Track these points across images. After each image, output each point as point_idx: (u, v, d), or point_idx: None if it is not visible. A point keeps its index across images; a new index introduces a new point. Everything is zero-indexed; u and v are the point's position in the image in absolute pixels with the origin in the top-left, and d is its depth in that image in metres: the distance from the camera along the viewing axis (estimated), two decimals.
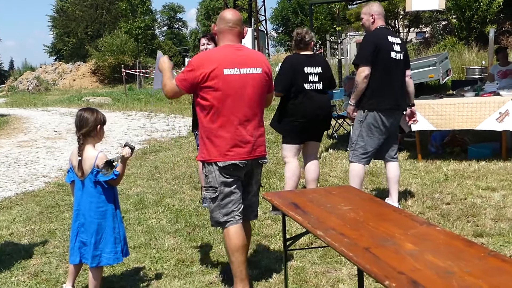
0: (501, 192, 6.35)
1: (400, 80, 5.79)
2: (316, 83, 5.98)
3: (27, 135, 15.33)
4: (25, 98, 34.02)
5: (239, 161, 3.92)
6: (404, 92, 5.87)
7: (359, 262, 2.43)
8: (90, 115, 3.91)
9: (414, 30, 43.09)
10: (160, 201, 6.92)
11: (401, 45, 5.80)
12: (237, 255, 3.90)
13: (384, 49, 5.61)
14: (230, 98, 3.87)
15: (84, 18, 58.74)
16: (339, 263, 4.53)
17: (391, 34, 5.82)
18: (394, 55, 5.66)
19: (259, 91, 4.00)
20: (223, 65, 3.85)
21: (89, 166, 3.84)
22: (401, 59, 5.74)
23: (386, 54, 5.61)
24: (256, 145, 4.02)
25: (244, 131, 3.94)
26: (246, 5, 34.11)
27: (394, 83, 5.69)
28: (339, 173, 7.86)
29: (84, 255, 3.95)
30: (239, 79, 3.88)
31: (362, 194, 3.87)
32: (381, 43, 5.62)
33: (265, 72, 4.05)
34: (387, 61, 5.62)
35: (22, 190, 8.22)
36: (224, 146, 3.90)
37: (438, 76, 15.38)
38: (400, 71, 5.77)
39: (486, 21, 23.84)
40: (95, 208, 3.89)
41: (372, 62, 5.57)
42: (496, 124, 7.59)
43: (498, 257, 2.41)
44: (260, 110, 4.07)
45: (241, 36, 4.11)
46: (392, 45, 5.67)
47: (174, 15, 77.85)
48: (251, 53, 4.17)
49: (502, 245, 4.78)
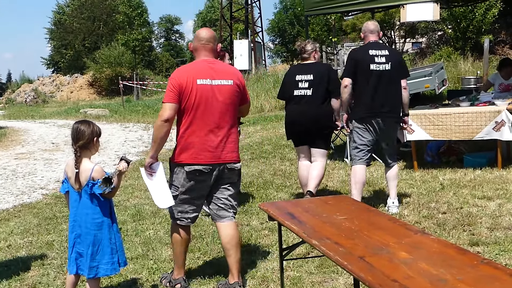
0: (497, 201, 6.38)
1: (384, 89, 6.17)
2: (306, 90, 6.46)
3: (24, 147, 15.35)
4: (23, 111, 34.06)
5: (203, 166, 4.28)
6: (391, 100, 6.24)
7: (354, 270, 2.46)
8: (86, 127, 3.94)
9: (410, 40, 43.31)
10: (158, 212, 6.93)
11: (388, 56, 6.19)
12: (177, 246, 4.53)
13: (362, 62, 6.17)
14: (202, 106, 4.26)
15: (82, 30, 58.81)
16: (336, 272, 4.55)
17: (376, 47, 6.25)
18: (375, 67, 6.13)
19: (229, 101, 4.35)
20: (196, 76, 4.27)
21: (85, 178, 3.85)
22: (385, 69, 6.15)
23: (365, 67, 6.14)
24: (225, 151, 4.34)
25: (213, 137, 4.29)
26: (243, 16, 34.28)
27: (373, 93, 6.15)
28: (336, 183, 7.89)
29: (80, 267, 3.95)
30: (210, 89, 4.27)
31: (357, 203, 3.90)
32: (359, 58, 6.24)
33: (237, 84, 4.40)
34: (365, 73, 6.15)
35: (20, 202, 8.24)
36: (193, 151, 4.29)
37: (434, 86, 15.48)
38: (384, 80, 6.16)
39: (482, 31, 23.98)
40: (91, 220, 3.90)
41: (353, 74, 6.21)
42: (493, 133, 7.64)
43: (490, 264, 2.44)
44: (231, 119, 4.39)
45: (215, 51, 4.51)
46: (374, 57, 6.15)
47: (171, 27, 78.06)
48: (223, 66, 4.55)
49: (498, 254, 4.80)
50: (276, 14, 53.29)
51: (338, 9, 8.94)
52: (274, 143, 12.25)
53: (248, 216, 6.51)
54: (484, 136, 7.73)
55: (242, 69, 28.44)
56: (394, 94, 6.25)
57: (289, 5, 50.51)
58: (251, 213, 6.59)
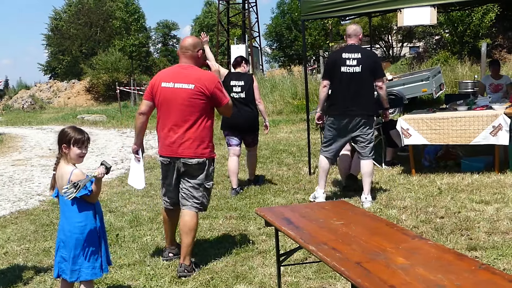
0: (495, 205, 6.37)
1: (356, 89, 6.70)
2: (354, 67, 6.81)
3: (21, 153, 15.32)
4: (20, 117, 34.00)
5: (163, 158, 5.08)
6: (361, 100, 6.72)
7: (351, 276, 2.44)
8: (60, 132, 3.97)
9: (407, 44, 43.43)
10: (155, 218, 6.91)
11: (359, 59, 6.70)
12: (164, 224, 5.44)
13: (337, 64, 6.79)
14: (164, 106, 4.98)
15: (79, 36, 58.76)
16: (334, 278, 4.52)
17: (350, 51, 6.77)
18: (346, 69, 6.71)
19: (188, 103, 4.89)
20: (163, 79, 5.02)
21: (65, 182, 3.84)
22: (355, 71, 6.69)
23: (337, 69, 6.76)
24: (182, 147, 4.92)
25: (172, 134, 4.95)
26: (240, 21, 34.31)
27: (345, 93, 6.73)
28: (334, 188, 7.88)
29: (64, 270, 3.94)
30: (171, 91, 4.93)
31: (354, 208, 3.89)
32: (334, 60, 6.90)
33: (199, 89, 4.90)
34: (338, 75, 6.76)
35: (17, 208, 8.21)
36: (160, 145, 5.10)
37: (431, 91, 15.52)
38: (356, 81, 6.70)
39: (479, 35, 24.02)
40: (74, 223, 3.89)
41: (329, 76, 6.88)
42: (490, 137, 7.63)
43: (488, 269, 2.43)
44: (191, 119, 4.92)
45: (195, 58, 5.08)
46: (345, 60, 6.71)
47: (169, 32, 78.04)
48: (192, 72, 5.01)
49: (496, 258, 4.79)
50: (273, 19, 53.31)
51: (334, 14, 8.94)
52: (272, 148, 12.23)
53: (245, 221, 6.50)
54: (481, 140, 7.73)
55: None
56: (364, 95, 6.74)
57: (287, 10, 50.53)
58: (249, 218, 6.57)
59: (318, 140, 11.10)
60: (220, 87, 5.08)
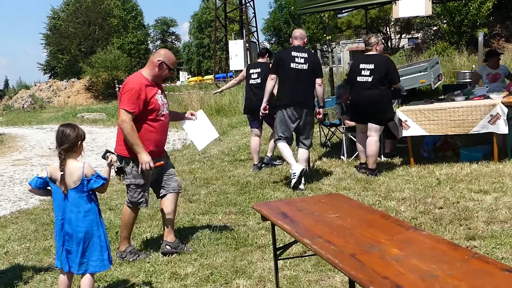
0: (493, 195, 6.38)
1: (303, 83, 7.63)
2: (367, 77, 7.95)
3: (22, 153, 15.35)
4: (20, 117, 34.05)
5: None
6: (307, 93, 7.71)
7: (345, 268, 2.45)
8: (71, 131, 4.00)
9: (406, 36, 43.35)
10: (155, 215, 6.93)
11: (306, 58, 7.66)
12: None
13: (284, 61, 7.73)
14: None
15: (77, 35, 58.75)
16: (332, 271, 4.54)
17: (298, 50, 7.74)
18: (294, 65, 7.63)
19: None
20: None
21: (78, 178, 3.92)
22: (303, 68, 7.63)
23: (286, 65, 7.67)
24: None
25: None
26: (237, 17, 34.28)
27: (292, 86, 7.62)
28: (333, 181, 7.88)
29: (71, 264, 4.00)
30: None
31: (350, 201, 3.90)
32: (283, 57, 7.87)
33: (121, 93, 5.36)
34: (287, 70, 7.66)
35: (17, 208, 8.23)
36: None
37: (429, 81, 15.48)
38: (302, 77, 7.62)
39: (477, 25, 23.94)
40: (82, 218, 3.97)
41: (277, 70, 7.75)
42: (489, 126, 7.63)
43: (481, 259, 2.44)
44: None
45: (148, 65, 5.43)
46: (294, 58, 7.65)
47: (167, 29, 77.97)
48: (131, 78, 5.47)
49: (494, 248, 4.80)
50: (271, 13, 53.32)
51: (330, 7, 8.95)
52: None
53: (245, 216, 6.52)
54: (480, 129, 7.73)
55: (237, 69, 28.47)
56: (309, 89, 7.71)
57: (284, 4, 50.51)
58: (248, 213, 6.59)
59: (317, 134, 11.11)
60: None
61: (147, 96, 5.16)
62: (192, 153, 12.13)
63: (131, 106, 5.10)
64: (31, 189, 4.05)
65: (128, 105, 5.10)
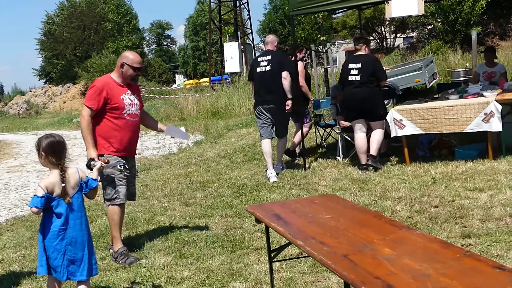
0: (488, 192, 6.38)
1: (267, 84, 8.39)
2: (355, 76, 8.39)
3: (17, 160, 15.33)
4: (16, 123, 34.00)
5: None
6: (273, 91, 8.33)
7: (337, 269, 2.45)
8: (61, 138, 4.01)
9: (401, 35, 43.39)
10: (151, 219, 6.92)
11: (269, 60, 8.43)
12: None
13: (252, 67, 8.76)
14: None
15: (72, 39, 58.68)
16: (329, 272, 4.53)
17: (263, 55, 8.71)
18: (259, 69, 8.51)
19: None
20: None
21: (75, 183, 3.94)
22: (266, 70, 8.41)
23: (254, 70, 8.64)
24: None
25: None
26: (232, 19, 34.28)
27: (257, 89, 8.58)
28: (329, 182, 7.88)
29: (73, 273, 3.95)
30: None
31: (344, 202, 3.90)
32: (252, 64, 8.89)
33: None
34: (255, 74, 8.61)
35: (13, 215, 8.21)
36: None
37: (424, 80, 15.52)
38: (267, 78, 8.38)
39: (471, 24, 23.98)
40: (85, 222, 4.02)
41: (251, 78, 8.78)
42: (483, 124, 7.64)
43: (473, 257, 2.44)
44: None
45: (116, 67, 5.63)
46: (259, 62, 8.57)
47: (163, 32, 78.05)
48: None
49: (490, 245, 4.80)
50: (266, 15, 53.33)
51: (323, 8, 8.93)
52: None
53: (241, 219, 6.51)
54: (474, 128, 7.74)
55: (233, 72, 28.47)
56: (276, 88, 8.30)
57: (279, 6, 50.53)
58: (244, 215, 6.58)
59: (313, 135, 11.12)
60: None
61: (109, 94, 5.42)
62: (188, 156, 12.13)
63: (91, 102, 5.41)
64: (38, 210, 3.84)
65: (89, 101, 5.43)
